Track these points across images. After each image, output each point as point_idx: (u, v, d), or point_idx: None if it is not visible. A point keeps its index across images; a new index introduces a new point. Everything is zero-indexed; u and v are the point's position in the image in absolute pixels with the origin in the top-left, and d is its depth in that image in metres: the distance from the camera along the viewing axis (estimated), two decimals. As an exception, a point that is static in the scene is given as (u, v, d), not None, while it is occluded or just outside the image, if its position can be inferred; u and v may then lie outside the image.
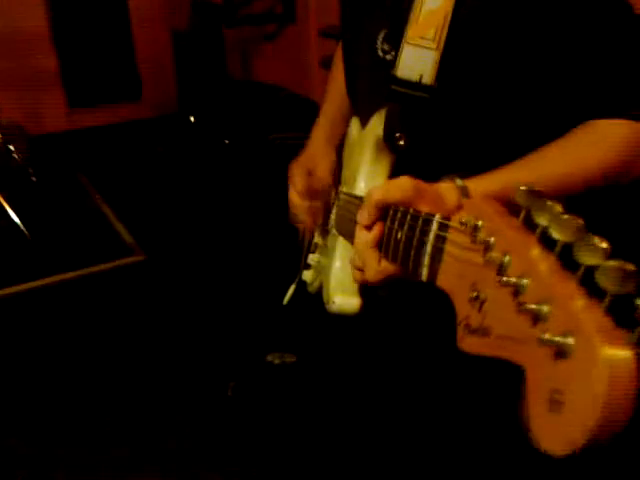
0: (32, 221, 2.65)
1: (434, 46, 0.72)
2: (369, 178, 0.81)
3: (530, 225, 0.40)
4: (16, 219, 2.62)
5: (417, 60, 0.73)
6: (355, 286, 0.82)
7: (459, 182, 0.58)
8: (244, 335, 1.99)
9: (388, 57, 0.81)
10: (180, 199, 2.90)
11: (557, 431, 0.33)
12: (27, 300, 2.32)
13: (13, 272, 2.42)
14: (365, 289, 0.83)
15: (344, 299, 0.84)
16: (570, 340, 0.33)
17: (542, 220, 0.39)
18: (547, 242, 0.39)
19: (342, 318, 0.88)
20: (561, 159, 0.69)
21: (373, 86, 0.86)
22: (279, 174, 1.23)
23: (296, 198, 1.07)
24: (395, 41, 0.77)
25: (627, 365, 0.31)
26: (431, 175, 0.69)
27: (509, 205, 0.44)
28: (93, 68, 3.77)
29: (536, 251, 0.38)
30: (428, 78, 0.73)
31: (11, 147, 2.80)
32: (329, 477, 1.20)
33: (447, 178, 0.61)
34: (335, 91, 1.12)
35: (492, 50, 0.73)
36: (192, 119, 3.11)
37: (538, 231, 0.39)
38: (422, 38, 0.73)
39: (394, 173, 0.80)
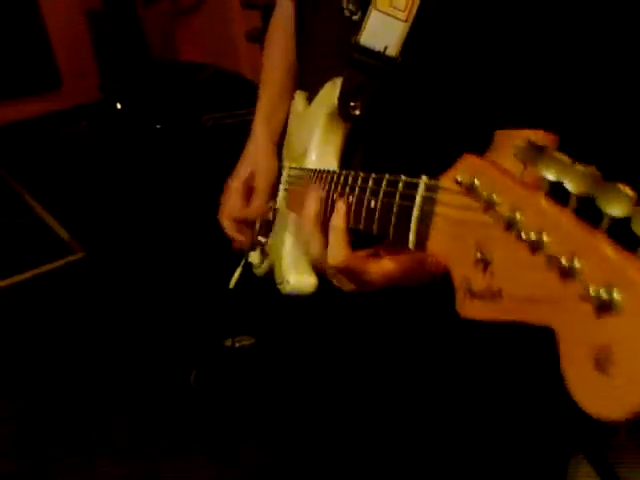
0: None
1: (404, 17, 0.68)
2: (321, 149, 0.78)
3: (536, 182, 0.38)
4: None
5: (384, 29, 0.69)
6: (309, 264, 0.80)
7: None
8: (198, 323, 1.96)
9: (355, 18, 0.77)
10: (114, 190, 2.81)
11: (611, 393, 0.30)
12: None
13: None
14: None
15: (298, 278, 0.83)
16: (616, 292, 0.30)
17: (550, 174, 0.36)
18: (557, 197, 0.36)
19: (295, 298, 0.86)
20: None
21: (332, 50, 0.83)
22: (215, 156, 1.20)
23: (228, 223, 1.04)
24: (363, 3, 0.73)
25: None
26: (386, 148, 0.67)
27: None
28: (6, 61, 3.58)
29: (550, 205, 0.35)
30: (393, 50, 0.70)
31: None
32: (299, 462, 1.20)
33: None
34: (273, 71, 1.06)
35: (463, 28, 0.70)
36: (118, 106, 2.99)
37: (546, 185, 0.36)
38: (392, 7, 0.69)
39: (347, 144, 0.77)
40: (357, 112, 0.72)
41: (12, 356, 1.99)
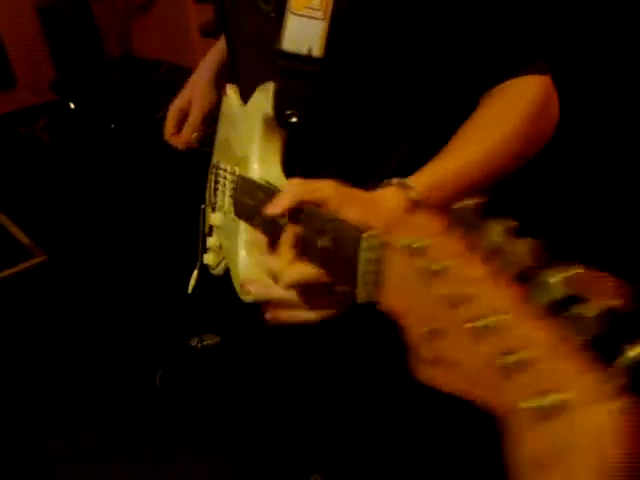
0: None
1: (321, 16, 0.67)
2: (262, 159, 0.78)
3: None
4: None
5: (304, 31, 0.68)
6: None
7: (395, 181, 0.56)
8: (161, 324, 1.95)
9: (272, 14, 0.76)
10: (71, 191, 2.76)
11: None
12: None
13: None
14: None
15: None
16: (558, 399, 0.29)
17: (489, 244, 0.35)
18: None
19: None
20: (480, 135, 0.68)
21: (256, 45, 0.82)
22: (172, 153, 1.19)
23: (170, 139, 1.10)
24: (277, 5, 0.73)
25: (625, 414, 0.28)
26: (324, 150, 0.67)
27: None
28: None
29: (504, 287, 0.33)
30: (317, 50, 0.68)
31: None
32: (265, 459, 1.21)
33: (385, 183, 0.59)
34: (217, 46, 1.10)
35: (381, 18, 0.70)
36: (72, 105, 2.93)
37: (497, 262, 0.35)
38: (308, 8, 0.68)
39: (287, 151, 0.77)
40: (294, 119, 0.71)
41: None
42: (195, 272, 1.11)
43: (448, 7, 0.68)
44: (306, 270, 0.56)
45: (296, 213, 0.57)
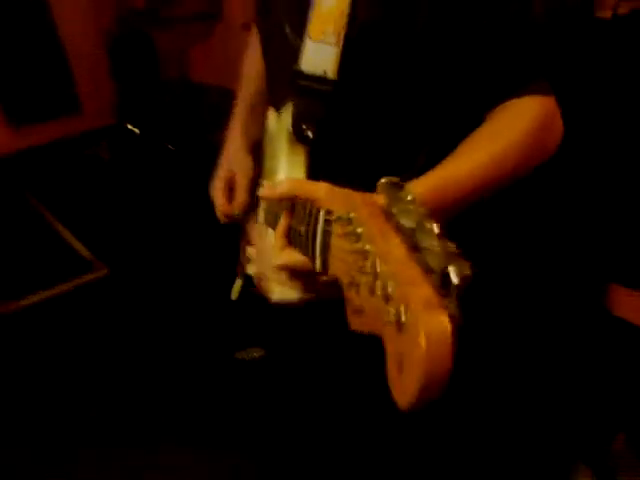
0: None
1: (334, 41, 0.75)
2: (288, 171, 0.85)
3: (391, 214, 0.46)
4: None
5: (320, 55, 0.76)
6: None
7: (385, 179, 0.62)
8: (211, 336, 2.02)
9: (297, 43, 0.83)
10: (133, 209, 2.90)
11: (402, 388, 0.40)
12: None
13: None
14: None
15: (283, 289, 0.88)
16: (403, 314, 0.39)
17: (394, 209, 0.45)
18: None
19: (285, 308, 0.92)
20: (484, 148, 0.73)
21: (283, 73, 0.89)
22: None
23: (224, 220, 1.14)
24: (300, 32, 0.80)
25: (442, 327, 0.38)
26: (342, 164, 0.73)
27: None
28: (29, 86, 3.70)
29: (392, 239, 0.44)
30: (331, 72, 0.76)
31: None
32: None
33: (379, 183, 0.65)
34: (249, 74, 1.16)
35: (390, 43, 0.76)
36: (134, 129, 3.09)
37: (394, 220, 0.45)
38: (323, 34, 0.76)
39: (312, 164, 0.84)
40: (309, 134, 0.78)
41: (32, 372, 2.06)
42: (239, 281, 1.17)
43: (452, 32, 0.73)
44: (292, 257, 0.66)
45: (291, 207, 0.66)
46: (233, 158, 1.14)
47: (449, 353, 0.37)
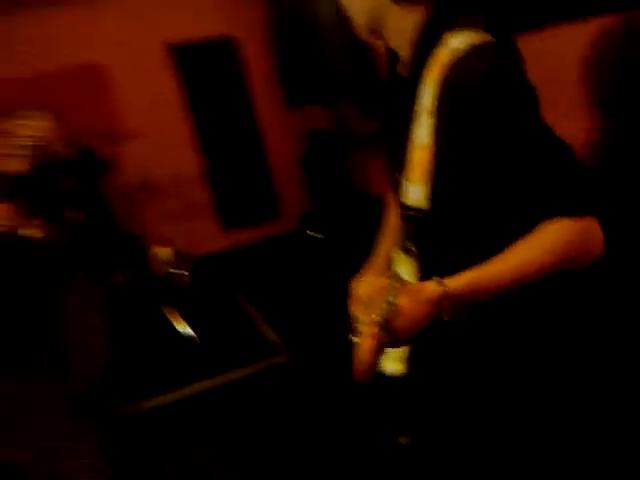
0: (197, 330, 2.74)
1: (424, 182, 1.02)
2: (403, 270, 1.12)
3: None
4: (188, 329, 2.62)
5: (415, 193, 1.03)
6: (395, 354, 1.10)
7: (435, 278, 0.92)
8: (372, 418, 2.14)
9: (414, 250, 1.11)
10: (325, 307, 3.05)
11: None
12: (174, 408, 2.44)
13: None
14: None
15: (390, 365, 1.12)
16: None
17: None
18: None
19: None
20: (515, 259, 0.93)
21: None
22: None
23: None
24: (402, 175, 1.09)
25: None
26: (439, 271, 0.96)
27: None
28: (239, 198, 4.48)
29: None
30: (423, 204, 1.03)
31: (184, 271, 3.22)
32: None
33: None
34: (389, 234, 1.39)
35: (461, 181, 1.00)
36: (316, 235, 3.50)
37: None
38: (416, 180, 1.03)
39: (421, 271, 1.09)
40: (412, 249, 1.06)
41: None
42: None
43: (506, 168, 0.94)
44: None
45: None
46: (378, 268, 1.36)
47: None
